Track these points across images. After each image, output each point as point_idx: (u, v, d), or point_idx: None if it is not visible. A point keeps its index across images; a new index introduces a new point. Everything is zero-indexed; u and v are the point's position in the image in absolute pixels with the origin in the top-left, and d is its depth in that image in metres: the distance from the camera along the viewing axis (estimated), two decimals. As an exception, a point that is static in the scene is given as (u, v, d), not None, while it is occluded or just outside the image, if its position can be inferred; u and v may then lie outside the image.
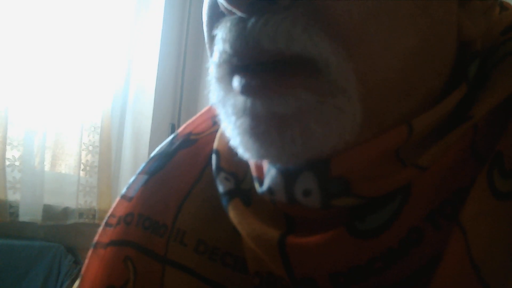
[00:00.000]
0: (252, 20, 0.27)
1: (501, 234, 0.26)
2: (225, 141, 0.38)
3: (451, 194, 0.29)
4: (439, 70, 0.31)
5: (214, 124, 0.43)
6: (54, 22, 1.71)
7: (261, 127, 0.28)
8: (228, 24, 0.29)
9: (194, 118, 0.45)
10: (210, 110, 0.45)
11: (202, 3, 0.33)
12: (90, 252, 0.42)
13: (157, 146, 0.46)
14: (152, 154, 0.44)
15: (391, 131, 0.29)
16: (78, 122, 1.79)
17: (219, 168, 0.37)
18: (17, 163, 1.68)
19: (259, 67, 0.28)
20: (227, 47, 0.28)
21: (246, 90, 0.29)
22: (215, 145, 0.39)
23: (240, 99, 0.29)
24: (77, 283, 0.42)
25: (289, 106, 0.27)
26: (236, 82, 0.29)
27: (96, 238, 0.42)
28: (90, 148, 1.83)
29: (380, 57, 0.28)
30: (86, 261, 0.42)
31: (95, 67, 1.80)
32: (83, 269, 0.42)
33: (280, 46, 0.27)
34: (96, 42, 1.79)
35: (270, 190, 0.31)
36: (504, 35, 0.33)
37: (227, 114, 0.30)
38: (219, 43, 0.29)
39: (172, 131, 1.95)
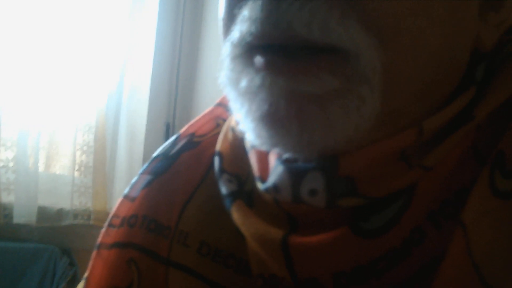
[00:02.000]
0: (288, 1, 0.27)
1: (502, 234, 0.27)
2: (228, 143, 0.39)
3: (453, 194, 0.29)
4: (453, 75, 0.31)
5: (217, 126, 0.43)
6: (48, 22, 1.70)
7: (280, 113, 0.28)
8: (259, 2, 0.27)
9: (196, 118, 0.45)
10: (212, 111, 0.45)
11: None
12: (94, 254, 0.42)
13: (152, 145, 0.46)
14: (155, 154, 0.44)
15: (403, 132, 0.29)
16: (72, 122, 1.78)
17: (221, 170, 0.37)
18: (10, 164, 1.67)
19: (284, 47, 0.27)
20: (255, 27, 0.27)
21: (270, 65, 0.28)
22: (218, 147, 0.39)
23: (260, 75, 0.28)
24: (81, 284, 0.42)
25: (312, 87, 0.27)
26: (259, 58, 0.28)
27: (99, 239, 0.42)
28: (85, 148, 1.82)
29: (408, 54, 0.28)
30: (90, 263, 0.42)
31: (89, 66, 1.79)
32: (88, 270, 0.42)
33: (314, 34, 0.26)
34: (90, 41, 1.78)
35: (275, 187, 0.31)
36: (507, 35, 0.34)
37: (239, 92, 0.29)
38: (244, 23, 0.28)
39: (167, 130, 1.95)
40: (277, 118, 0.28)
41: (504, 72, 0.31)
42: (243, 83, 0.29)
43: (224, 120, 0.42)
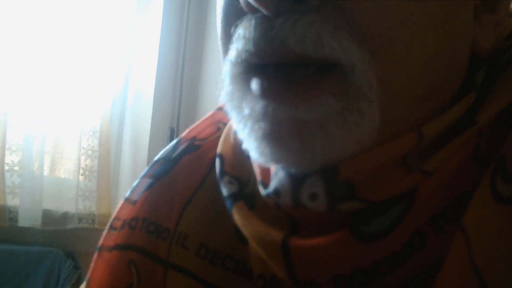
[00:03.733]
0: (281, 19, 0.27)
1: (503, 239, 0.27)
2: (229, 146, 0.39)
3: (454, 198, 0.29)
4: (453, 80, 0.31)
5: (218, 129, 0.43)
6: (53, 26, 1.71)
7: (282, 132, 0.28)
8: (253, 22, 0.28)
9: (198, 122, 0.45)
10: (214, 115, 0.45)
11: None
12: (95, 255, 0.42)
13: (156, 150, 0.46)
14: (156, 158, 0.45)
15: (402, 137, 0.29)
16: (77, 127, 1.79)
17: (223, 172, 0.37)
18: (16, 168, 1.68)
19: (280, 68, 0.28)
20: (250, 46, 0.28)
21: (268, 94, 0.28)
22: (219, 149, 0.39)
23: (260, 103, 0.28)
24: (83, 286, 0.42)
25: (314, 113, 0.27)
26: (256, 84, 0.29)
27: (101, 241, 0.43)
28: (89, 152, 1.83)
29: (402, 64, 0.28)
30: (92, 264, 0.42)
31: (94, 71, 1.80)
32: (89, 272, 0.42)
33: (308, 49, 0.27)
34: (95, 46, 1.79)
35: (276, 192, 0.31)
36: (507, 41, 0.34)
37: (242, 116, 0.30)
38: (240, 41, 0.28)
39: (171, 135, 1.95)
40: (279, 137, 0.28)
41: (506, 77, 0.31)
42: (246, 111, 0.29)
43: (225, 124, 0.42)
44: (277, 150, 0.29)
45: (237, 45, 0.29)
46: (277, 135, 0.28)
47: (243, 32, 0.28)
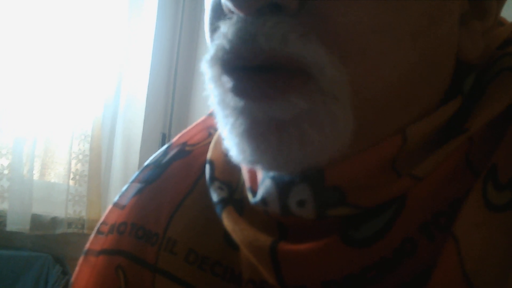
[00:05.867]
0: (254, 17, 0.28)
1: (493, 246, 0.27)
2: (219, 152, 0.39)
3: (446, 205, 0.29)
4: (437, 86, 0.31)
5: (209, 135, 0.43)
6: (45, 30, 1.70)
7: (261, 129, 0.28)
8: (233, 19, 0.29)
9: (189, 128, 0.45)
10: (205, 120, 0.45)
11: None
12: (81, 260, 0.42)
13: (147, 155, 0.46)
14: (146, 163, 0.45)
15: (386, 140, 0.29)
16: (68, 131, 1.78)
17: (213, 177, 0.37)
18: (5, 172, 1.66)
19: (253, 70, 0.28)
20: (225, 42, 0.28)
21: (243, 94, 0.29)
22: (209, 155, 0.39)
23: (239, 102, 0.29)
24: (67, 291, 0.42)
25: (286, 112, 0.28)
26: (231, 86, 0.29)
27: (87, 245, 0.42)
28: (80, 157, 1.82)
29: (377, 71, 0.28)
30: (77, 268, 0.42)
31: (86, 75, 1.79)
32: (74, 276, 0.42)
33: (274, 45, 0.27)
34: (87, 50, 1.78)
35: (263, 201, 0.31)
36: (500, 50, 0.34)
37: (224, 113, 0.30)
38: (219, 38, 0.29)
39: (163, 140, 1.95)
40: (258, 133, 0.29)
41: (498, 85, 0.31)
42: (228, 109, 0.30)
43: (216, 130, 0.42)
44: (255, 146, 0.29)
45: (216, 42, 0.29)
46: (256, 130, 0.29)
47: (222, 28, 0.29)
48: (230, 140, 0.30)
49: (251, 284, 0.33)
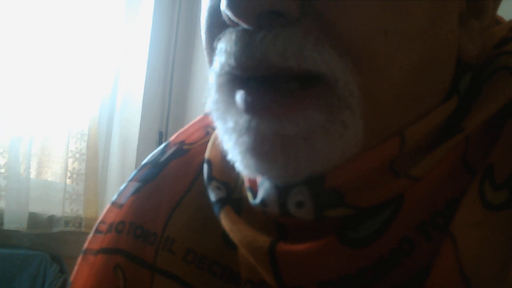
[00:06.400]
0: (261, 34, 0.27)
1: (491, 245, 0.27)
2: (217, 151, 0.39)
3: (443, 205, 0.29)
4: (438, 87, 0.31)
5: (207, 134, 0.43)
6: (40, 29, 1.70)
7: (265, 146, 0.28)
8: (233, 36, 0.28)
9: (187, 126, 0.45)
10: (203, 119, 0.45)
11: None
12: (79, 259, 0.42)
13: (144, 154, 0.46)
14: (144, 162, 0.45)
15: (385, 143, 0.29)
16: (65, 129, 1.77)
17: (210, 177, 0.37)
18: (2, 170, 1.66)
19: (263, 80, 0.28)
20: (231, 60, 0.28)
21: (251, 108, 0.28)
22: (207, 154, 0.39)
23: (244, 117, 0.28)
24: (66, 290, 0.42)
25: (298, 127, 0.27)
26: (240, 98, 0.29)
27: (86, 244, 0.42)
28: (77, 155, 1.82)
29: (384, 73, 0.28)
30: (76, 267, 0.42)
31: (83, 73, 1.79)
32: (73, 275, 0.42)
33: (290, 63, 0.27)
34: (84, 49, 1.78)
35: (263, 203, 0.31)
36: (496, 49, 0.34)
37: (226, 128, 0.30)
38: (222, 55, 0.29)
39: (160, 138, 1.95)
40: (263, 152, 0.28)
41: (494, 85, 0.31)
42: (230, 124, 0.30)
43: (214, 129, 0.42)
44: (261, 164, 0.29)
45: (220, 58, 0.29)
46: (260, 149, 0.28)
47: (224, 46, 0.29)
48: (233, 156, 0.30)
49: (249, 284, 0.33)
